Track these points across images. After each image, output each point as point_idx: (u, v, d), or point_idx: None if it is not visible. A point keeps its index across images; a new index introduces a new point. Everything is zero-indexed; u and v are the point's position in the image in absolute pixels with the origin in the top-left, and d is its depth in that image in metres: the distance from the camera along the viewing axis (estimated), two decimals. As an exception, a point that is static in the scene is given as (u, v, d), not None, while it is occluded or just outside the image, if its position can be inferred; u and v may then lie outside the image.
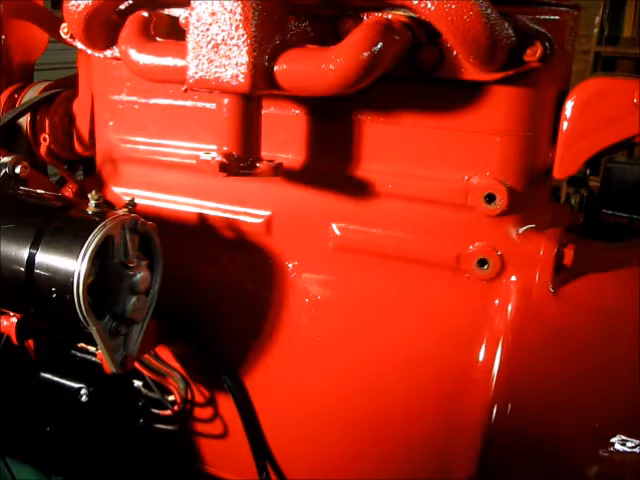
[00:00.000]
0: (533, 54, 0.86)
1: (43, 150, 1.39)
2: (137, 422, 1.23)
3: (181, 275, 1.18)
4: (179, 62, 0.96)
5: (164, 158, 1.20)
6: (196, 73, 0.93)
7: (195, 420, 1.24)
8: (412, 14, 0.89)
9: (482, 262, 0.99)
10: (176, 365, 1.22)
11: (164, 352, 1.21)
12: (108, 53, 1.13)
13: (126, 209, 0.99)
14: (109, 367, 1.02)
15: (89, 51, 1.14)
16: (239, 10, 0.88)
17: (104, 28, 1.09)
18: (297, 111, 1.06)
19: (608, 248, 1.17)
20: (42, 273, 0.94)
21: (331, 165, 1.06)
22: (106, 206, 1.00)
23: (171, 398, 1.22)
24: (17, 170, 1.09)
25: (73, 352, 1.23)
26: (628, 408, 0.86)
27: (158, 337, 1.14)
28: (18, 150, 1.40)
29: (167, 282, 1.05)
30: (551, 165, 0.99)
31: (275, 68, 0.90)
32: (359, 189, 1.04)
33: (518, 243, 0.99)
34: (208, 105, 1.12)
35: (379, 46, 0.86)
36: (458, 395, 1.01)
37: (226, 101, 0.94)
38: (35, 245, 0.95)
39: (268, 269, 1.14)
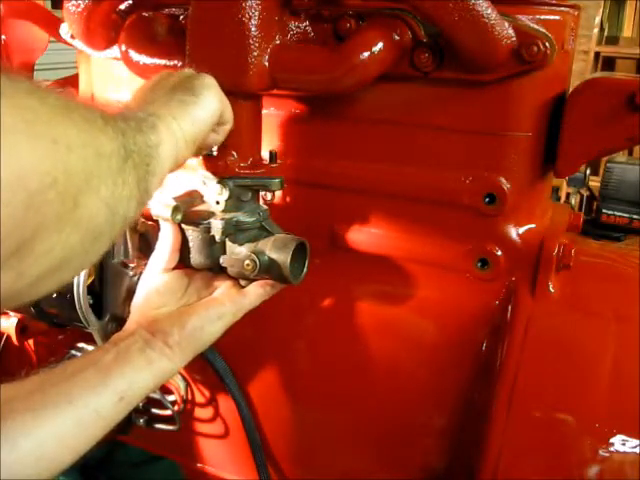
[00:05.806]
0: (533, 54, 0.86)
1: (43, 150, 1.38)
2: (137, 422, 1.23)
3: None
4: (179, 62, 0.96)
5: (164, 158, 1.19)
6: (196, 73, 0.93)
7: (195, 420, 1.24)
8: (412, 14, 0.89)
9: (482, 262, 0.99)
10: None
11: (164, 352, 1.21)
12: (108, 53, 1.13)
13: (126, 209, 0.99)
14: (109, 367, 1.01)
15: (89, 51, 1.14)
16: (239, 10, 0.88)
17: (104, 28, 1.09)
18: (297, 111, 1.06)
19: (608, 248, 1.17)
20: (42, 273, 0.94)
21: (331, 165, 1.06)
22: (106, 206, 1.00)
23: (171, 398, 1.22)
24: (17, 170, 1.09)
25: (73, 352, 1.23)
26: (629, 409, 0.86)
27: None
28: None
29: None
30: (551, 165, 0.99)
31: (275, 68, 0.90)
32: (359, 189, 1.04)
33: (518, 243, 0.99)
34: (208, 105, 1.12)
35: (379, 46, 0.86)
36: (457, 395, 1.01)
37: (226, 101, 0.94)
38: (35, 245, 0.95)
39: (268, 269, 1.14)
